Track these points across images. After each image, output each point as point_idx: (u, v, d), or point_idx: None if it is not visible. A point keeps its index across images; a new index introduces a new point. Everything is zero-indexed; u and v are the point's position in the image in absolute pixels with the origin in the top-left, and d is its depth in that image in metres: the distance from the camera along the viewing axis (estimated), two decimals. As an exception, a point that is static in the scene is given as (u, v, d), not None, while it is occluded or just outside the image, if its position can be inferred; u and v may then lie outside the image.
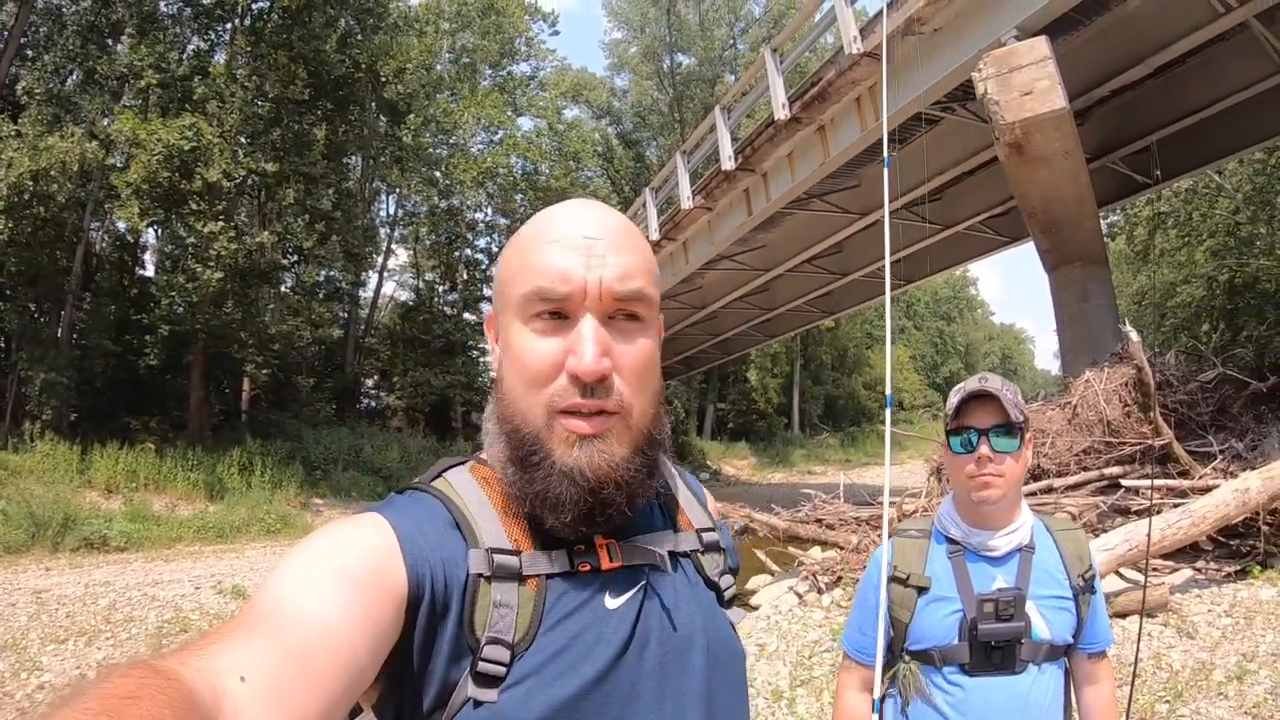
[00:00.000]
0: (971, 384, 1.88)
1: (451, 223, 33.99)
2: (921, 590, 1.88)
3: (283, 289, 24.47)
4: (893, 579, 1.93)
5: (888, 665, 1.93)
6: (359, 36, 23.11)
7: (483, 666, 0.84)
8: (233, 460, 19.16)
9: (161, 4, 21.22)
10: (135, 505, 15.93)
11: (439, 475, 1.00)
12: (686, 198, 17.07)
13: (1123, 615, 6.35)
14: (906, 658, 1.90)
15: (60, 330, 21.21)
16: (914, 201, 15.99)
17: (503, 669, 0.85)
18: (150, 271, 25.62)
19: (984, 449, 1.81)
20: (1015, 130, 8.88)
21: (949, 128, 13.29)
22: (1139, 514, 7.51)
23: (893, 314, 3.51)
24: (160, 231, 23.02)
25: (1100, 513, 8.01)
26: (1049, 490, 9.01)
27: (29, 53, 21.76)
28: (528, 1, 35.86)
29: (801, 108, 13.11)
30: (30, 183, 17.38)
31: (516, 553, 0.91)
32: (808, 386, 49.90)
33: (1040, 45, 8.57)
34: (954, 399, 1.88)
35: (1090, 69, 11.28)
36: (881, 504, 3.06)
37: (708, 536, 1.08)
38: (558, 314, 0.91)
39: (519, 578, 0.90)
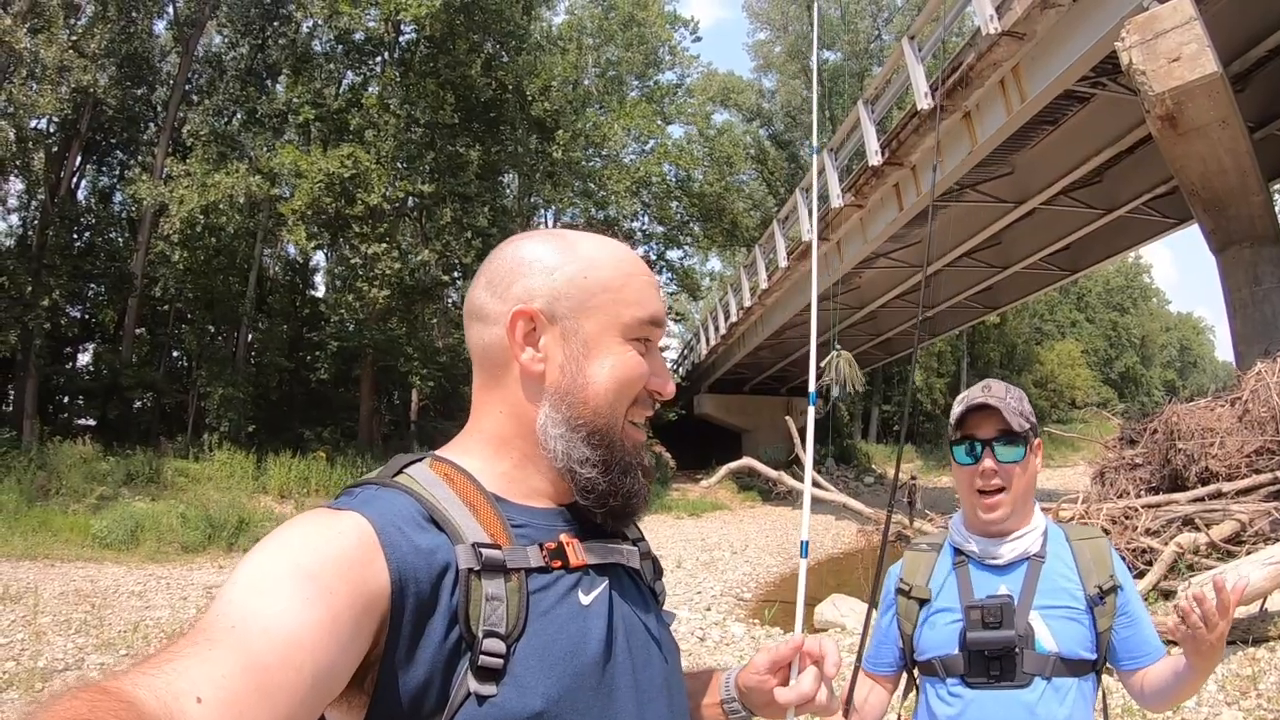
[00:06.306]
0: (974, 393, 1.87)
1: (609, 232, 34.43)
2: (922, 602, 1.89)
3: (447, 304, 25.63)
4: (899, 591, 1.95)
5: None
6: (503, 59, 23.93)
7: (484, 660, 0.85)
8: (399, 467, 20.07)
9: (315, 44, 22.83)
10: (307, 509, 16.81)
11: (400, 471, 0.99)
12: (836, 196, 16.63)
13: (1288, 638, 5.69)
14: (916, 672, 1.93)
15: (236, 349, 23.14)
16: (1071, 185, 14.97)
17: (501, 661, 0.86)
18: (320, 292, 27.62)
19: (988, 461, 1.81)
20: (1165, 101, 8.14)
21: (1101, 105, 12.34)
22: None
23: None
24: (328, 254, 24.72)
25: (1273, 520, 7.19)
26: (1218, 495, 8.18)
27: (194, 98, 23.90)
28: (668, 10, 36.02)
29: (944, 95, 12.51)
30: (201, 216, 19.16)
31: (499, 547, 0.92)
32: (975, 386, 47.69)
33: (1184, 5, 7.79)
34: (957, 409, 1.88)
35: (1243, 28, 10.16)
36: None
37: (640, 545, 1.13)
38: (645, 340, 1.05)
39: (505, 571, 0.90)
